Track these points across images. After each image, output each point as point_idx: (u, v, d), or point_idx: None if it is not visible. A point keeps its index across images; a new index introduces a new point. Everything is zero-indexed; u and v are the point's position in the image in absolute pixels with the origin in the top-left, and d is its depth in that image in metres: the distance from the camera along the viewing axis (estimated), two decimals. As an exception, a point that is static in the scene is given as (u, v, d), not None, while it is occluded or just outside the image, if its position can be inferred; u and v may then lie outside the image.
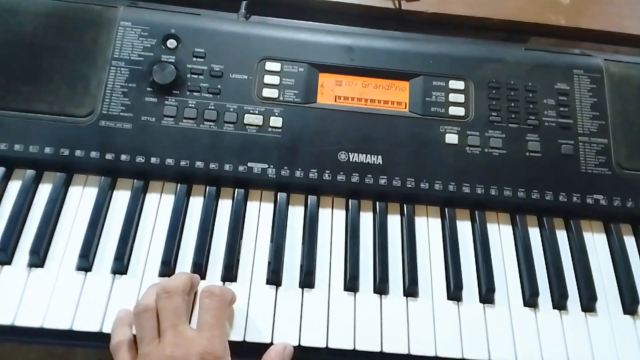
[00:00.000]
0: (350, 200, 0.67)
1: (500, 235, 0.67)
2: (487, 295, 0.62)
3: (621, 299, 0.65)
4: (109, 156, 0.64)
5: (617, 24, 0.85)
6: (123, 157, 0.64)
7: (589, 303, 0.63)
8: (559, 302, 0.63)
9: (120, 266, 0.60)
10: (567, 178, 0.68)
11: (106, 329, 0.56)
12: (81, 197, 0.64)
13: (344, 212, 0.67)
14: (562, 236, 0.68)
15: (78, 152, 0.64)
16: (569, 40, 0.86)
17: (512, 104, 0.70)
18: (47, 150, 0.64)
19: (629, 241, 0.68)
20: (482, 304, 0.62)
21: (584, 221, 0.69)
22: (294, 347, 0.57)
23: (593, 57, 0.75)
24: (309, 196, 0.67)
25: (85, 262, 0.59)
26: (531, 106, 0.70)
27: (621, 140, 0.71)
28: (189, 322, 0.55)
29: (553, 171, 0.68)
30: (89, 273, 0.60)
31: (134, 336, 0.54)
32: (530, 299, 0.62)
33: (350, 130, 0.68)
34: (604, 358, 0.60)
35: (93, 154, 0.64)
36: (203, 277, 0.60)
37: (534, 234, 0.68)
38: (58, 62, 0.67)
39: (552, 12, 0.86)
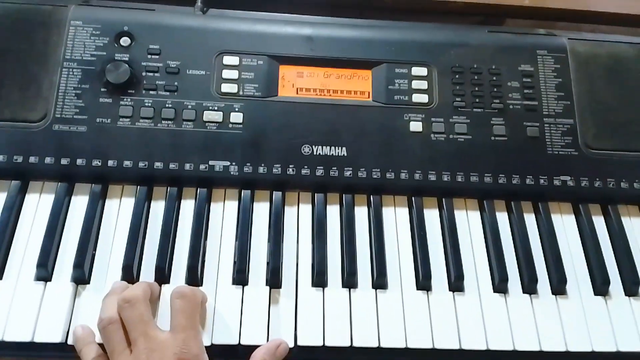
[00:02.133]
0: (316, 194, 0.66)
1: (469, 221, 0.67)
2: (456, 283, 0.62)
3: (592, 280, 0.64)
4: (64, 161, 0.62)
5: (581, 3, 0.84)
6: (79, 161, 0.62)
7: (559, 286, 0.63)
8: (529, 286, 0.62)
9: (81, 274, 0.58)
10: (533, 160, 0.67)
11: (70, 340, 0.55)
12: (38, 205, 0.62)
13: (310, 206, 0.66)
14: (530, 219, 0.67)
15: (32, 159, 0.62)
16: (544, 20, 0.85)
17: (476, 88, 0.69)
18: (0, 158, 0.62)
19: (598, 221, 0.68)
20: (451, 292, 0.62)
21: (553, 203, 0.68)
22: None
23: (557, 36, 0.74)
24: (274, 192, 0.66)
25: (44, 272, 0.58)
26: (495, 89, 0.69)
27: (587, 120, 0.70)
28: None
29: (519, 154, 0.67)
30: (48, 283, 0.58)
31: (105, 351, 0.53)
32: (500, 285, 0.62)
33: (313, 122, 0.67)
34: (576, 340, 0.60)
35: (48, 160, 0.62)
36: (167, 281, 0.59)
37: (503, 218, 0.67)
38: (8, 66, 0.65)
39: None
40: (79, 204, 0.63)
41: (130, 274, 0.58)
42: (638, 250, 0.67)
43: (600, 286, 0.63)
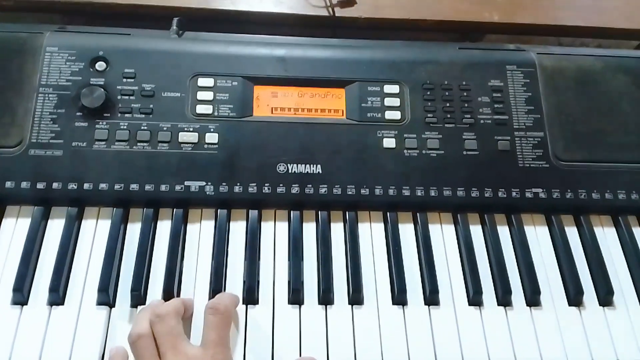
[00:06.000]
0: (292, 212, 0.67)
1: (443, 235, 0.67)
2: (431, 297, 0.62)
3: (565, 291, 0.65)
4: (40, 185, 0.63)
5: (550, 17, 0.86)
6: (55, 185, 0.63)
7: (533, 297, 0.63)
8: (503, 298, 0.63)
9: (56, 297, 0.58)
10: (505, 174, 0.68)
11: (44, 362, 0.55)
12: (14, 230, 0.63)
13: (286, 224, 0.67)
14: (504, 231, 0.68)
15: (8, 184, 0.62)
16: (521, 35, 0.86)
17: (447, 104, 0.71)
18: (-24, 184, 0.62)
19: (571, 232, 0.69)
20: (427, 306, 0.62)
21: (526, 215, 0.69)
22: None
23: (526, 51, 0.76)
24: (250, 211, 0.66)
25: (20, 296, 0.58)
26: (466, 105, 0.71)
27: (557, 133, 0.71)
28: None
29: (491, 168, 0.69)
30: (25, 307, 0.58)
31: None
32: (474, 298, 0.63)
33: (288, 141, 0.68)
34: (551, 351, 0.61)
35: (24, 184, 0.63)
36: (143, 303, 0.59)
37: (477, 231, 0.68)
38: (-17, 93, 0.66)
39: (487, 9, 0.87)
40: (55, 227, 0.63)
41: (106, 296, 0.59)
42: (611, 260, 0.68)
43: (574, 297, 0.64)
